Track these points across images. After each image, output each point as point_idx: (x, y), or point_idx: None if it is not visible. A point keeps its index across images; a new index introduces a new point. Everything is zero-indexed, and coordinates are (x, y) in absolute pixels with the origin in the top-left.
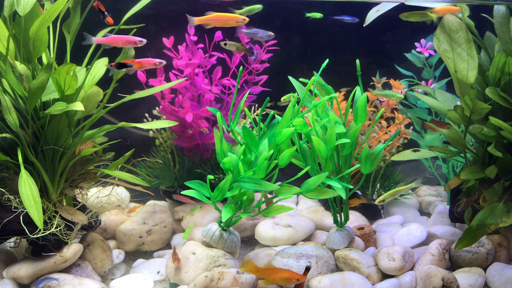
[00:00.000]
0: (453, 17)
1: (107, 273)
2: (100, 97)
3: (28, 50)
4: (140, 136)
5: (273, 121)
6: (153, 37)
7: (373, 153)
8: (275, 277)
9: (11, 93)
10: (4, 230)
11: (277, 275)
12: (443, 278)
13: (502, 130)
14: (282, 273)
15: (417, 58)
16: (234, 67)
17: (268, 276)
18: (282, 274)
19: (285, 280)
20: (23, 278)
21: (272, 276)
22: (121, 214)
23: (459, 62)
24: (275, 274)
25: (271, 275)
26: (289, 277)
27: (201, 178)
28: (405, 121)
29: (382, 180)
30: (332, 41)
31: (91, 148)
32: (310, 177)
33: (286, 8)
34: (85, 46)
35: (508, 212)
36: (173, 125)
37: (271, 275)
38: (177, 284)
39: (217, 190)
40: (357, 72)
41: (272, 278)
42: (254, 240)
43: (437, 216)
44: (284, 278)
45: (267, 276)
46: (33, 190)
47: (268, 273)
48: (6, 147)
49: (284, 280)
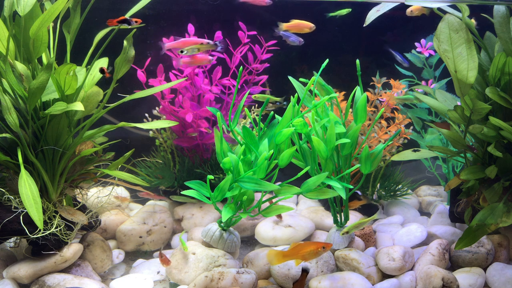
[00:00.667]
0: (453, 17)
1: (107, 273)
2: (100, 97)
3: (28, 50)
4: (140, 136)
5: (273, 121)
6: (153, 37)
7: (373, 153)
8: (303, 254)
9: (11, 93)
10: (4, 230)
11: (304, 251)
12: (443, 278)
13: (502, 130)
14: (308, 247)
15: (417, 58)
16: (234, 67)
17: (296, 255)
18: (308, 248)
19: (313, 253)
20: (23, 278)
21: (300, 254)
22: (121, 214)
23: (459, 62)
24: (302, 251)
25: (298, 253)
26: (315, 248)
27: (201, 178)
28: (405, 121)
29: (382, 180)
30: (332, 41)
31: (91, 148)
32: (310, 177)
33: (286, 8)
34: (85, 46)
35: (508, 212)
36: (173, 125)
37: (299, 253)
38: (177, 284)
39: (217, 190)
40: (357, 72)
41: (301, 255)
42: (254, 240)
43: (437, 216)
44: (312, 252)
45: (295, 255)
46: (33, 190)
47: (295, 252)
48: (6, 147)
49: (312, 253)
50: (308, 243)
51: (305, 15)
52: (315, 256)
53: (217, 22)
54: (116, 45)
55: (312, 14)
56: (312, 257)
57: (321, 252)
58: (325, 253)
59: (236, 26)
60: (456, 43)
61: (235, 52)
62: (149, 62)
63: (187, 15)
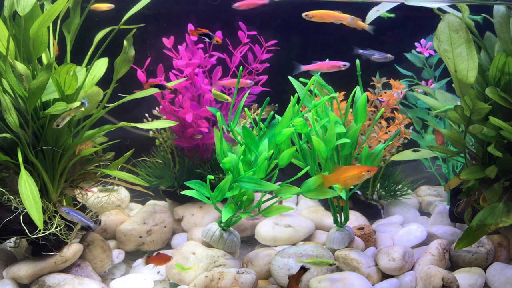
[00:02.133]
0: (453, 17)
1: (107, 273)
2: (100, 97)
3: (28, 50)
4: (140, 136)
5: (273, 121)
6: (153, 37)
7: (373, 153)
8: (347, 178)
9: (11, 93)
10: (4, 230)
11: (348, 175)
12: (443, 278)
13: (502, 130)
14: (352, 171)
15: (417, 58)
16: (234, 67)
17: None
18: (352, 172)
19: (357, 177)
20: (23, 278)
21: (344, 178)
22: (121, 214)
23: (459, 62)
24: (346, 174)
25: (341, 178)
26: (359, 172)
27: (201, 178)
28: (405, 121)
29: (382, 180)
30: (332, 41)
31: (91, 148)
32: (310, 177)
33: (286, 8)
34: (85, 46)
35: (508, 212)
36: (173, 125)
37: (342, 177)
38: (177, 284)
39: (217, 190)
40: (357, 72)
41: (344, 180)
42: (254, 240)
43: (437, 216)
44: (356, 175)
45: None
46: (33, 190)
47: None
48: (6, 147)
49: (356, 177)
50: (352, 167)
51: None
52: (359, 180)
53: (217, 22)
54: (116, 45)
55: None
56: (356, 181)
57: (365, 176)
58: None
59: (236, 26)
60: (456, 43)
61: (235, 52)
62: (149, 62)
63: (187, 15)
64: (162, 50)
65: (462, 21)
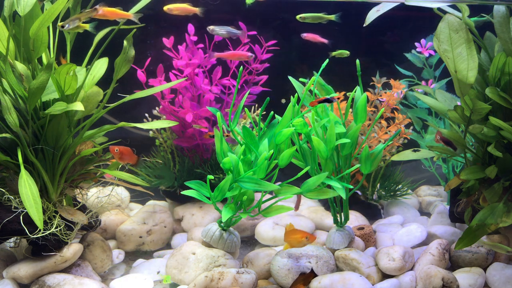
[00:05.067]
0: (453, 17)
1: (107, 273)
2: (100, 97)
3: (28, 50)
4: (140, 136)
5: (273, 121)
6: (153, 37)
7: (373, 153)
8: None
9: (11, 93)
10: (4, 230)
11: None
12: (443, 278)
13: (502, 130)
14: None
15: (417, 58)
16: (234, 67)
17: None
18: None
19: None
20: (23, 278)
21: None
22: (121, 214)
23: (459, 62)
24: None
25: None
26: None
27: (201, 178)
28: (405, 121)
29: (382, 180)
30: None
31: (91, 148)
32: (310, 177)
33: (286, 8)
34: (85, 46)
35: (508, 212)
36: (173, 125)
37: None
38: (177, 284)
39: (217, 190)
40: (357, 72)
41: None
42: (254, 240)
43: (437, 216)
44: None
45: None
46: (33, 190)
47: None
48: (6, 147)
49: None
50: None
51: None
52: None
53: (217, 22)
54: (116, 45)
55: None
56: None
57: (304, 242)
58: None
59: (236, 26)
60: (456, 43)
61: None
62: (149, 62)
63: (187, 15)
64: (162, 50)
65: (462, 21)
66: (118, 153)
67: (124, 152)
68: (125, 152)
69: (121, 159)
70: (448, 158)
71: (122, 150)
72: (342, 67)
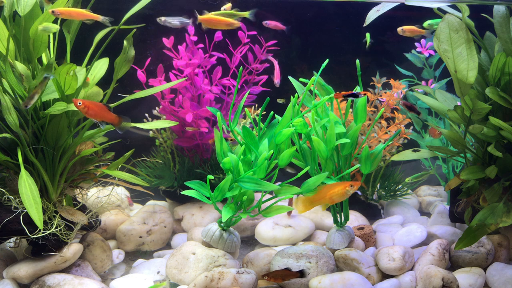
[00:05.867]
0: (453, 17)
1: (107, 273)
2: (100, 97)
3: (28, 50)
4: (140, 136)
5: (273, 121)
6: (153, 37)
7: (373, 153)
8: (332, 195)
9: (11, 93)
10: (4, 230)
11: (332, 192)
12: (443, 278)
13: (502, 130)
14: (336, 188)
15: (417, 58)
16: (234, 67)
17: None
18: (336, 189)
19: (341, 193)
20: (23, 278)
21: (329, 195)
22: (121, 214)
23: (459, 62)
24: (331, 192)
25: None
26: (343, 187)
27: (201, 178)
28: (405, 121)
29: (382, 180)
30: (332, 41)
31: (91, 148)
32: (310, 177)
33: (286, 8)
34: (85, 46)
35: (508, 212)
36: (173, 125)
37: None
38: (177, 284)
39: (217, 190)
40: (357, 72)
41: (330, 197)
42: (254, 240)
43: (437, 216)
44: (340, 192)
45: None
46: (33, 190)
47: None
48: (6, 147)
49: (340, 194)
50: (335, 184)
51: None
52: (343, 197)
53: None
54: (116, 45)
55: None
56: (340, 198)
57: (349, 191)
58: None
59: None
60: (456, 43)
61: (235, 52)
62: (149, 62)
63: (187, 15)
64: (162, 50)
65: (462, 21)
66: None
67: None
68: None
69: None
70: (448, 158)
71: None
72: (342, 67)
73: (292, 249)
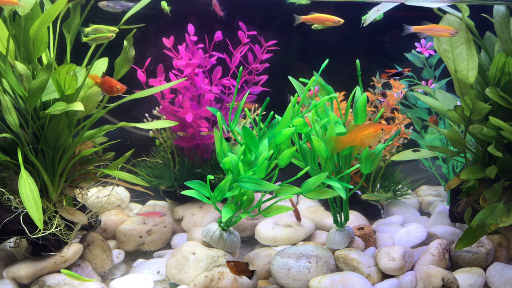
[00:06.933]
0: (453, 17)
1: (107, 273)
2: (100, 97)
3: (28, 50)
4: (140, 136)
5: (273, 121)
6: (153, 37)
7: (373, 153)
8: (363, 137)
9: (11, 93)
10: (4, 230)
11: (364, 134)
12: (443, 278)
13: (502, 130)
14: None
15: (417, 58)
16: (234, 67)
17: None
18: (368, 130)
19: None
20: (23, 278)
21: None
22: (121, 214)
23: (459, 62)
24: (362, 133)
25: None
26: (375, 130)
27: (201, 178)
28: (405, 121)
29: (382, 180)
30: (332, 41)
31: (91, 148)
32: (310, 177)
33: (286, 8)
34: (85, 46)
35: (508, 212)
36: (173, 125)
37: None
38: (177, 284)
39: (217, 190)
40: (357, 72)
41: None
42: (254, 240)
43: (437, 216)
44: (371, 134)
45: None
46: (33, 190)
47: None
48: (6, 147)
49: (372, 136)
50: (366, 125)
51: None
52: (374, 139)
53: (217, 22)
54: (116, 45)
55: None
56: (371, 140)
57: (381, 135)
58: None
59: (236, 26)
60: (456, 43)
61: (235, 52)
62: (149, 62)
63: (187, 15)
64: (162, 50)
65: (462, 21)
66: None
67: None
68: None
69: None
70: (448, 158)
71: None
72: (342, 67)
73: (292, 249)
